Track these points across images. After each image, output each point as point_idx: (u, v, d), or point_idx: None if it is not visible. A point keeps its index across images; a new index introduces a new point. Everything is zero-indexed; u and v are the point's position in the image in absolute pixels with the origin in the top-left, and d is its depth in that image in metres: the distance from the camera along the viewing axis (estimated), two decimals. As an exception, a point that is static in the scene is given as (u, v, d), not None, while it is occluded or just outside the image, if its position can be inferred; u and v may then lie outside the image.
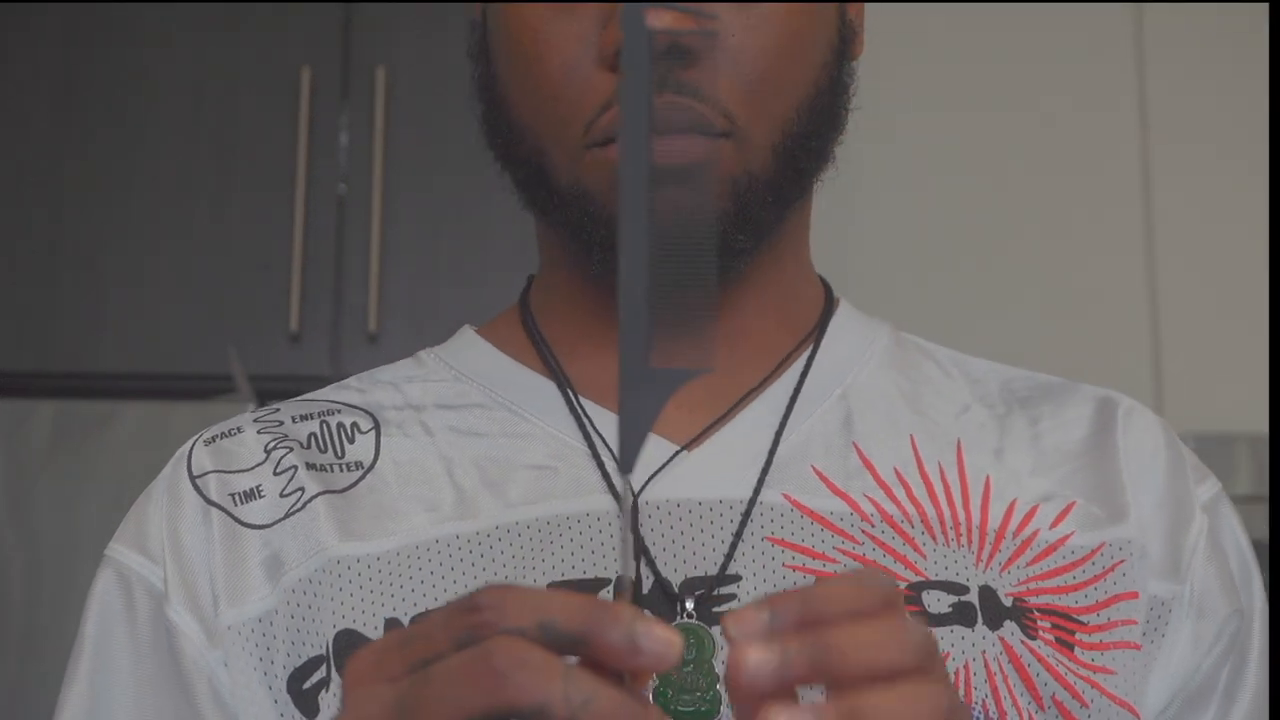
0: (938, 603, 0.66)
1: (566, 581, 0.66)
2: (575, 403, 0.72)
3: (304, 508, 0.69)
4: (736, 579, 0.66)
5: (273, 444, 0.72)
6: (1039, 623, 0.67)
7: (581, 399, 0.72)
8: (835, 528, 0.68)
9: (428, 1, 1.98)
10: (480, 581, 0.66)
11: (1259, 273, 1.98)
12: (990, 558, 0.69)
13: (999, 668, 0.65)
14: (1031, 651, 0.66)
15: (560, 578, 0.66)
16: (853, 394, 0.74)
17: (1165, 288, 2.01)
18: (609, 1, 0.66)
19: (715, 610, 0.65)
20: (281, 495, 0.70)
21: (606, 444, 0.70)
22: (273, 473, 0.71)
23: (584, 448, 0.70)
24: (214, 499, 0.70)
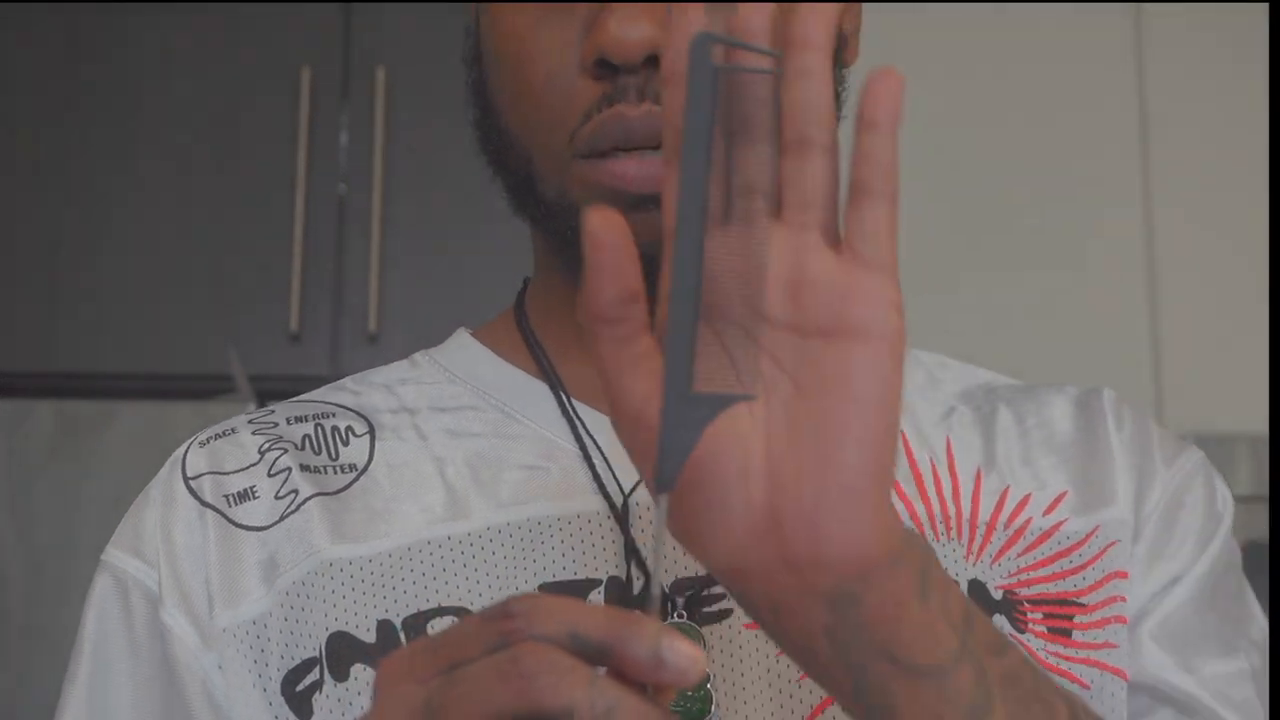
0: None
1: (556, 582, 0.66)
2: (567, 404, 0.72)
3: (298, 509, 0.70)
4: None
5: (267, 445, 0.73)
6: (1029, 615, 0.68)
7: (573, 401, 0.72)
8: None
9: (428, 1, 1.98)
10: (471, 582, 0.66)
11: (1259, 273, 1.97)
12: (980, 550, 0.69)
13: None
14: (1023, 645, 0.66)
15: (551, 579, 0.66)
16: None
17: (1165, 288, 2.01)
18: (595, 2, 0.65)
19: (705, 610, 0.65)
20: (277, 497, 0.70)
21: (598, 445, 0.70)
22: (267, 474, 0.71)
23: (575, 449, 0.70)
24: (209, 501, 0.71)
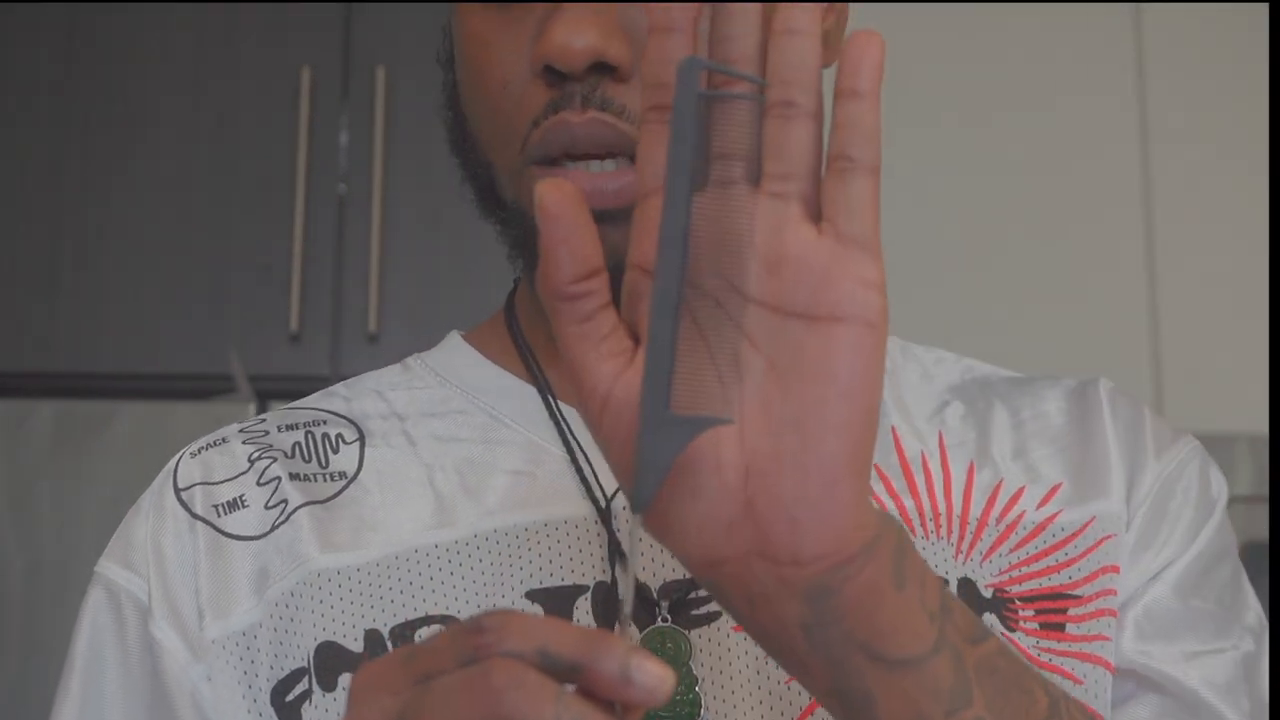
0: None
1: (544, 589, 0.66)
2: (554, 408, 0.72)
3: (288, 520, 0.70)
4: None
5: (256, 454, 0.73)
6: (1020, 613, 0.67)
7: (561, 404, 0.72)
8: None
9: (428, 1, 1.98)
10: (459, 590, 0.66)
11: (1259, 273, 1.97)
12: (970, 548, 0.69)
13: None
14: (1014, 644, 0.66)
15: (538, 585, 0.66)
16: None
17: (1165, 288, 2.01)
18: (550, 2, 0.64)
19: (694, 613, 0.64)
20: (267, 507, 0.70)
21: (584, 450, 0.70)
22: (256, 483, 0.71)
23: (562, 453, 0.70)
24: (199, 513, 0.71)
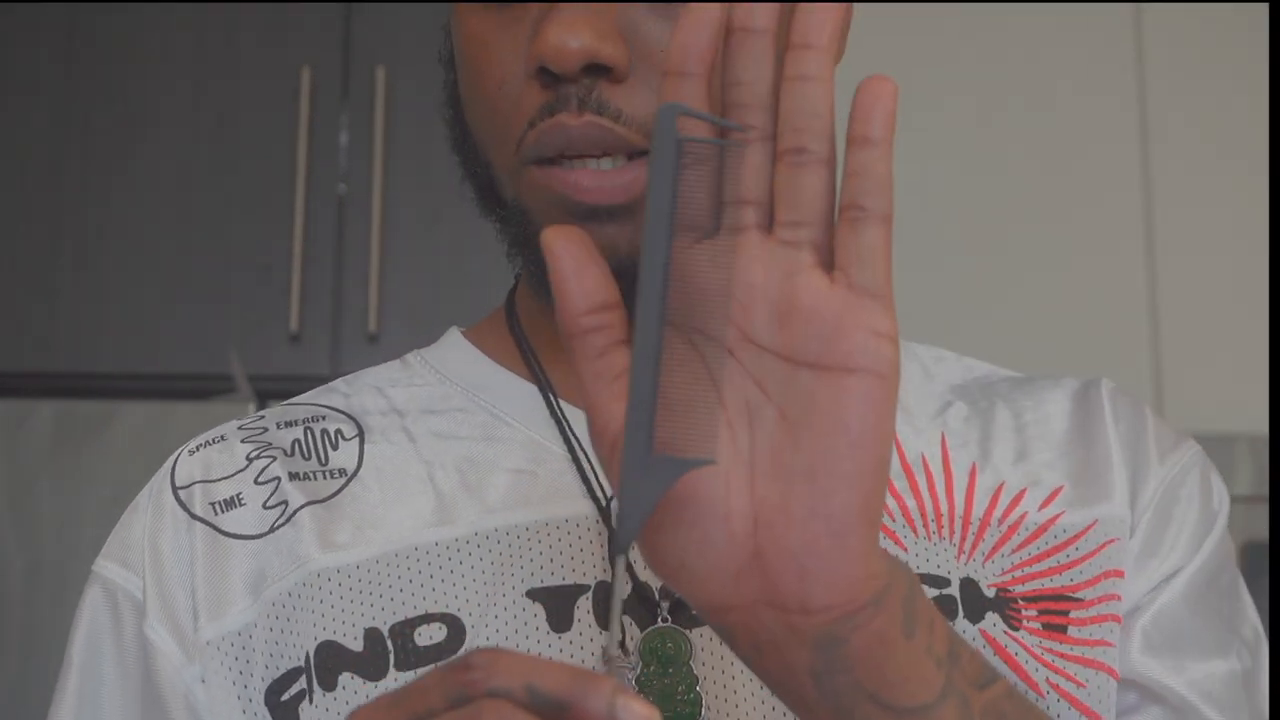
0: None
1: (544, 588, 0.65)
2: (555, 406, 0.71)
3: (289, 521, 0.69)
4: None
5: (255, 452, 0.72)
6: (1023, 612, 0.67)
7: (562, 402, 0.72)
8: None
9: (428, 1, 1.98)
10: (459, 589, 0.66)
11: (1259, 273, 1.97)
12: (973, 548, 0.69)
13: None
14: (1017, 642, 0.66)
15: (539, 584, 0.66)
16: None
17: (1165, 287, 2.01)
18: (548, 1, 0.63)
19: (693, 613, 0.64)
20: (265, 506, 0.70)
21: (585, 449, 0.70)
22: (254, 481, 0.71)
23: (563, 452, 0.70)
24: (197, 512, 0.70)
